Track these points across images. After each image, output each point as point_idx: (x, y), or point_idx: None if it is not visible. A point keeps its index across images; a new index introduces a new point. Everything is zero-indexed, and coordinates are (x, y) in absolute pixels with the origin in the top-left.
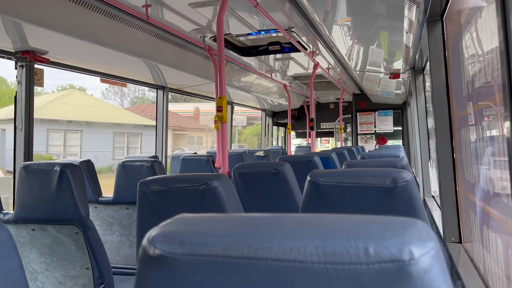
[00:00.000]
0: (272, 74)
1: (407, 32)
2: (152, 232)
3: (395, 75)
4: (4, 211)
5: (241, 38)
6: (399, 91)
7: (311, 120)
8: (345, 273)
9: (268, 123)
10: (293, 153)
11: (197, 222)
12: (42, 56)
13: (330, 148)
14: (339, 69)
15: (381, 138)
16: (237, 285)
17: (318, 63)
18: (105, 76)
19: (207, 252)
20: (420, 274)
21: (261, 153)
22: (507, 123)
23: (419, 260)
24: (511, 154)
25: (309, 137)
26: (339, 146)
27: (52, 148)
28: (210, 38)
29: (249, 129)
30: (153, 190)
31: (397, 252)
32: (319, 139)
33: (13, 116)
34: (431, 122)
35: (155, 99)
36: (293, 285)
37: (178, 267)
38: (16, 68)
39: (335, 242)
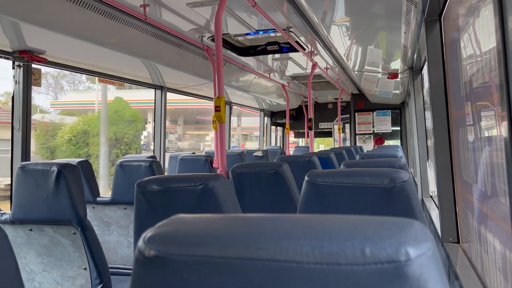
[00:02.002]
0: (271, 74)
1: (405, 32)
2: (148, 233)
3: (393, 75)
4: (1, 211)
5: (240, 38)
6: (397, 91)
7: (310, 120)
8: (341, 274)
9: (266, 123)
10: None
11: (193, 222)
12: (40, 55)
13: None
14: (337, 69)
15: (379, 138)
16: (233, 286)
17: (316, 63)
18: (103, 76)
19: (203, 253)
20: (416, 274)
21: (259, 153)
22: (505, 123)
23: (416, 261)
24: (509, 153)
25: (308, 137)
26: (336, 146)
27: None
28: (208, 38)
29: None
30: (151, 190)
31: (394, 253)
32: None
33: None
34: (429, 122)
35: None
36: (290, 285)
37: (174, 267)
38: (13, 68)
39: (331, 243)
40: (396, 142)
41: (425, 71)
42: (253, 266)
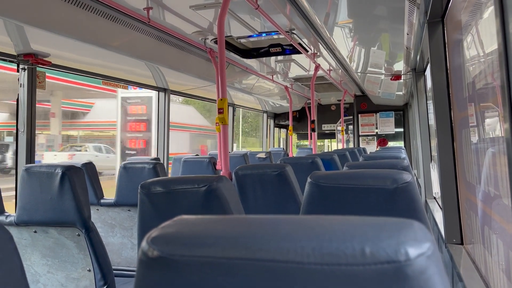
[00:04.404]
0: (274, 76)
1: (408, 34)
2: (152, 234)
3: (396, 76)
4: (6, 213)
5: (242, 40)
6: (400, 93)
7: (313, 121)
8: (341, 274)
9: (269, 125)
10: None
11: (196, 223)
12: (44, 59)
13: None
14: (340, 70)
15: (382, 139)
16: (235, 286)
17: (319, 65)
18: (106, 79)
19: (206, 254)
20: (416, 274)
21: (262, 155)
22: (506, 124)
23: (415, 261)
24: (511, 154)
25: (311, 138)
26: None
27: None
28: (211, 40)
29: None
30: (155, 192)
31: (393, 253)
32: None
33: None
34: (432, 123)
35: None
36: (291, 286)
37: (177, 268)
38: (18, 71)
39: (331, 243)
40: (400, 144)
41: (428, 72)
42: (254, 267)
